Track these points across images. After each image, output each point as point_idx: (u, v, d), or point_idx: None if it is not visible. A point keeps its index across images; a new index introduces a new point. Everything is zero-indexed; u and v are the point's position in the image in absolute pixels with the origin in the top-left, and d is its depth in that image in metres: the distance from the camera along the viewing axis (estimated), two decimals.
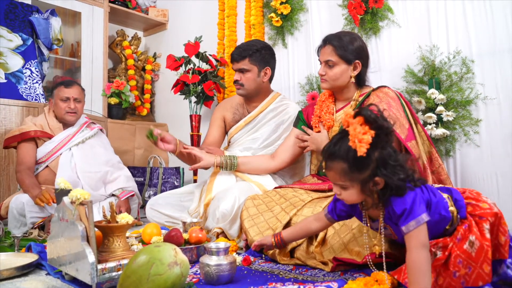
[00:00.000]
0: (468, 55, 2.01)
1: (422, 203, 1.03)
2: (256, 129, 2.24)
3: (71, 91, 2.36)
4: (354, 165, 1.02)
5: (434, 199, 1.09)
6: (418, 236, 0.99)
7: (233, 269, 1.25)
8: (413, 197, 1.02)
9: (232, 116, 2.32)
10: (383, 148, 1.01)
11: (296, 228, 1.36)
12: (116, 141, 3.25)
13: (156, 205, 2.09)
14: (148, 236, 1.56)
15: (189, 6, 3.58)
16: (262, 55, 2.18)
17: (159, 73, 3.88)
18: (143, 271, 1.03)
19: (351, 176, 1.03)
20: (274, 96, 2.31)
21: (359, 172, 1.02)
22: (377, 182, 1.02)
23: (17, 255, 1.54)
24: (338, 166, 1.04)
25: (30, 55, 2.74)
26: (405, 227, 1.01)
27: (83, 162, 2.34)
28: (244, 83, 2.17)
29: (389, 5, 2.29)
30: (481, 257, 1.04)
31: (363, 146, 0.96)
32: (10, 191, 2.48)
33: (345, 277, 1.23)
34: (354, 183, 1.05)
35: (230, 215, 1.74)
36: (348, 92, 1.85)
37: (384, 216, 1.10)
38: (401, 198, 1.03)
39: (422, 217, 1.00)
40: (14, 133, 2.27)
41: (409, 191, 1.03)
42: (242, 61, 2.15)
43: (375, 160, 1.00)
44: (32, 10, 2.78)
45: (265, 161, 2.07)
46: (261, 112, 2.25)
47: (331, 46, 1.78)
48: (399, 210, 1.02)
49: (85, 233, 1.16)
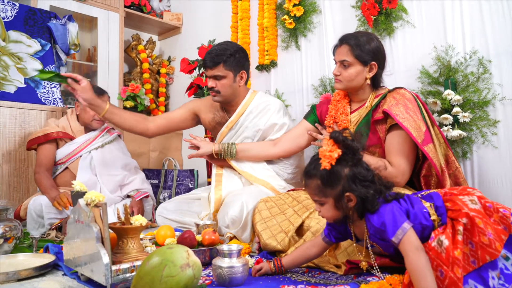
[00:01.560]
0: (485, 55, 1.97)
1: (402, 213, 1.09)
2: (240, 132, 2.16)
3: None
4: (326, 181, 1.12)
5: (412, 210, 1.13)
6: (410, 241, 1.03)
7: (245, 271, 1.25)
8: (390, 209, 1.09)
9: (212, 117, 2.24)
10: (354, 166, 1.11)
11: (295, 256, 1.36)
12: (131, 143, 3.29)
13: (164, 212, 2.11)
14: (162, 238, 1.57)
15: (203, 9, 3.62)
16: (236, 59, 2.07)
17: (174, 77, 3.92)
18: (156, 273, 1.04)
19: (324, 192, 1.14)
20: (251, 96, 2.20)
21: (331, 187, 1.13)
22: (350, 198, 1.11)
23: (35, 255, 1.57)
24: (313, 183, 1.15)
25: (48, 60, 2.80)
26: (395, 238, 1.05)
27: (102, 165, 2.39)
28: (220, 89, 2.07)
29: (403, 6, 2.26)
30: (450, 258, 1.01)
31: (324, 161, 1.10)
32: (29, 193, 2.53)
33: (358, 280, 1.22)
34: (328, 199, 1.14)
35: (240, 221, 1.74)
36: (363, 93, 1.82)
37: (369, 233, 1.16)
38: (377, 213, 1.10)
39: (404, 226, 1.05)
40: (37, 134, 2.33)
41: (383, 205, 1.11)
42: (216, 67, 2.03)
43: (345, 176, 1.11)
44: (50, 16, 2.84)
45: (266, 147, 2.04)
46: (242, 115, 2.16)
47: (347, 45, 1.74)
48: (377, 223, 1.09)
49: (100, 234, 1.18)
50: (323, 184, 1.13)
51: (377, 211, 1.10)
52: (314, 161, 1.16)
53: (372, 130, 1.71)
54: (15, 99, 2.61)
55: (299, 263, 1.36)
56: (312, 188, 1.16)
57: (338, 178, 1.11)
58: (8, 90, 2.61)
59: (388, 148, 1.66)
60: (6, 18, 2.66)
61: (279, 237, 1.54)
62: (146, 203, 2.45)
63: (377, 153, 1.72)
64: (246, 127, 2.15)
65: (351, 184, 1.10)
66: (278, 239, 1.54)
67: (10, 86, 2.63)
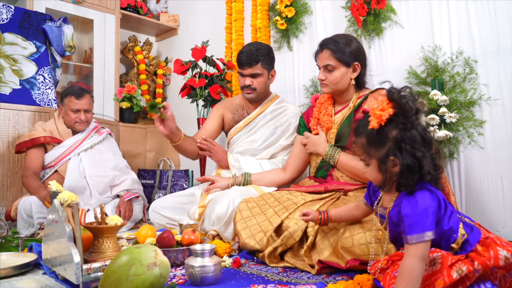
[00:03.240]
0: (471, 55, 1.96)
1: (433, 220, 0.97)
2: (254, 131, 2.26)
3: (81, 103, 2.42)
4: (371, 141, 1.04)
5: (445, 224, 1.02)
6: (420, 248, 0.95)
7: (217, 270, 1.26)
8: (426, 207, 0.97)
9: (232, 116, 2.34)
10: (406, 129, 0.99)
11: (342, 211, 1.34)
12: (127, 144, 3.33)
13: (158, 208, 2.12)
14: (143, 237, 1.59)
15: (199, 11, 3.64)
16: (270, 58, 2.22)
17: (170, 78, 3.95)
18: (122, 272, 1.05)
19: (369, 152, 1.06)
20: (273, 98, 2.33)
21: (375, 148, 1.04)
22: (394, 163, 1.00)
23: (18, 255, 1.60)
24: (359, 141, 1.08)
25: (43, 62, 2.84)
26: (410, 238, 0.96)
27: (91, 167, 2.41)
28: (256, 87, 2.20)
29: (391, 6, 2.26)
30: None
31: (373, 120, 1.00)
32: (22, 194, 2.56)
33: (327, 280, 1.22)
34: (372, 160, 1.06)
35: (224, 217, 1.76)
36: (347, 94, 1.84)
37: (391, 209, 1.07)
38: (411, 200, 0.99)
39: (426, 234, 0.95)
40: (24, 139, 2.36)
41: (422, 194, 0.98)
42: (255, 66, 2.16)
43: (392, 138, 1.00)
44: (45, 19, 2.88)
45: (278, 175, 2.07)
46: (260, 114, 2.27)
47: (328, 50, 1.78)
48: (404, 211, 0.99)
49: (72, 234, 1.19)
50: (368, 144, 1.05)
51: (413, 195, 0.99)
52: (365, 118, 1.07)
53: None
54: (10, 101, 2.65)
55: (344, 219, 1.35)
56: (358, 146, 1.10)
57: (384, 140, 1.01)
58: (3, 92, 2.65)
59: None
60: (2, 21, 2.71)
61: (257, 237, 1.55)
62: (136, 203, 2.46)
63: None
64: (262, 126, 2.24)
65: (397, 148, 0.99)
66: (257, 238, 1.54)
67: (6, 88, 2.67)
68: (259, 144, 2.21)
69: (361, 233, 1.31)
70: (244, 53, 2.17)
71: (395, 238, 1.08)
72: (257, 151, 2.21)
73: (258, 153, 2.21)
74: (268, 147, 2.21)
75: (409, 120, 0.99)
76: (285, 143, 2.20)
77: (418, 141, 0.99)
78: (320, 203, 1.59)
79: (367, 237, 1.30)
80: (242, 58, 2.17)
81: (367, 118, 1.04)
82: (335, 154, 1.76)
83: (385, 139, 1.01)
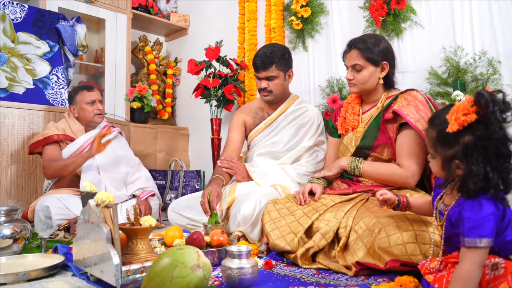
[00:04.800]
0: (494, 55, 1.96)
1: (494, 228, 0.93)
2: (276, 133, 2.23)
3: (95, 94, 2.45)
4: (441, 138, 1.00)
5: (509, 237, 0.98)
6: (479, 253, 0.92)
7: (255, 272, 1.25)
8: (490, 213, 0.92)
9: (252, 120, 2.31)
10: (483, 138, 0.91)
11: (420, 202, 1.29)
12: (138, 144, 3.31)
13: (178, 208, 2.10)
14: (170, 238, 1.57)
15: (210, 11, 3.62)
16: (285, 59, 2.20)
17: (180, 78, 3.93)
18: (166, 274, 1.04)
19: (435, 147, 1.03)
20: (293, 99, 2.31)
21: (443, 147, 1.00)
22: (459, 166, 0.96)
23: (44, 256, 1.58)
24: (430, 133, 1.05)
25: (56, 61, 2.82)
26: (467, 241, 0.93)
27: (105, 164, 2.39)
28: (272, 89, 2.18)
29: (411, 6, 2.25)
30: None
31: (454, 125, 0.92)
32: (37, 194, 2.55)
33: (368, 281, 1.21)
34: (437, 155, 1.03)
35: (251, 218, 1.74)
36: (376, 94, 1.82)
37: (453, 206, 1.03)
38: (475, 203, 0.95)
39: (485, 240, 0.91)
40: (37, 139, 2.34)
41: (488, 201, 0.94)
42: (270, 68, 2.14)
43: (463, 143, 0.94)
44: (58, 18, 2.86)
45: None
46: (281, 115, 2.25)
47: (356, 50, 1.76)
48: (467, 213, 0.95)
49: (110, 235, 1.18)
50: (437, 140, 1.01)
51: (477, 199, 0.95)
52: (443, 112, 1.00)
53: (382, 129, 1.71)
54: (23, 100, 2.62)
55: (421, 209, 1.29)
56: (427, 136, 1.06)
57: (454, 142, 0.96)
58: (17, 91, 2.63)
59: (398, 150, 1.66)
60: (15, 20, 2.68)
61: (288, 238, 1.53)
62: (152, 201, 2.44)
63: (386, 152, 1.72)
64: (284, 127, 2.23)
65: (465, 154, 0.93)
66: (287, 239, 1.53)
67: (19, 87, 2.65)
68: (281, 146, 2.19)
69: (397, 233, 1.30)
70: (259, 56, 2.17)
71: (447, 238, 1.07)
72: (280, 154, 2.18)
73: (281, 156, 2.17)
74: (291, 149, 2.18)
75: (489, 130, 0.90)
76: (308, 144, 2.16)
77: (492, 152, 0.92)
78: (350, 204, 1.58)
79: (403, 237, 1.29)
80: (257, 61, 2.17)
81: (447, 111, 0.97)
82: (358, 164, 1.75)
83: (455, 141, 0.96)
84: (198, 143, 3.68)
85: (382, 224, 1.36)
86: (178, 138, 3.72)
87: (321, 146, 2.22)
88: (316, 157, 2.18)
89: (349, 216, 1.49)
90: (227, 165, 2.12)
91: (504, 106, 0.90)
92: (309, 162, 2.15)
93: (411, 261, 1.25)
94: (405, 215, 1.36)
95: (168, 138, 3.62)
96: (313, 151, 2.18)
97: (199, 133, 3.64)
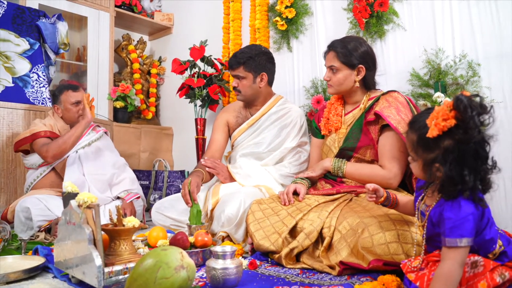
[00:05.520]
0: (474, 58, 2.00)
1: (474, 228, 0.95)
2: (258, 133, 2.22)
3: (80, 95, 2.40)
4: (421, 142, 1.02)
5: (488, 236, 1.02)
6: (459, 252, 0.94)
7: (239, 272, 1.25)
8: (469, 213, 0.95)
9: (235, 120, 2.31)
10: (462, 142, 0.93)
11: (405, 200, 1.31)
12: (121, 144, 3.27)
13: (161, 209, 2.08)
14: (154, 239, 1.56)
15: (194, 10, 3.60)
16: (256, 61, 2.17)
17: (164, 77, 3.90)
18: (149, 275, 1.03)
19: (416, 150, 1.05)
20: (276, 99, 2.30)
21: (423, 150, 1.03)
22: (439, 170, 0.99)
23: (24, 258, 1.55)
24: (411, 136, 1.07)
25: (37, 59, 2.76)
26: (448, 240, 0.95)
27: (90, 165, 2.36)
28: (240, 89, 2.20)
29: (394, 9, 2.29)
30: None
31: (434, 130, 0.94)
32: (17, 194, 2.49)
33: (352, 281, 1.22)
34: (418, 158, 1.06)
35: (235, 219, 1.74)
36: (356, 95, 1.85)
37: (434, 206, 1.06)
38: (454, 204, 0.97)
39: (464, 240, 0.93)
40: (25, 135, 2.29)
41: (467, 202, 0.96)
42: (237, 68, 2.17)
43: (443, 147, 0.96)
44: (39, 15, 2.80)
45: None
46: (264, 115, 2.24)
47: (334, 52, 1.80)
48: (447, 213, 0.97)
49: (92, 236, 1.16)
50: (418, 144, 1.03)
51: (457, 200, 0.97)
52: (423, 116, 1.02)
53: (365, 131, 1.73)
54: (2, 99, 2.57)
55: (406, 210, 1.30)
56: (408, 140, 1.08)
57: (434, 146, 0.98)
58: None
59: (380, 151, 1.68)
60: None
61: (272, 238, 1.54)
62: (136, 203, 2.42)
63: (369, 153, 1.74)
64: (266, 128, 2.22)
65: (445, 158, 0.96)
66: (272, 240, 1.53)
67: None
68: (264, 146, 2.18)
69: (380, 233, 1.32)
70: (233, 55, 2.22)
71: (429, 238, 1.09)
72: (263, 154, 2.18)
73: (264, 157, 2.17)
74: (274, 150, 2.17)
75: (468, 135, 0.92)
76: (291, 145, 2.16)
77: (470, 156, 0.94)
78: (334, 204, 1.59)
79: (386, 237, 1.30)
80: (230, 59, 2.23)
81: (427, 115, 0.98)
82: (342, 165, 1.77)
83: (435, 145, 0.98)
84: (182, 143, 3.66)
85: (365, 224, 1.37)
86: (162, 138, 3.69)
87: (304, 147, 2.23)
88: (299, 158, 2.18)
89: (332, 216, 1.51)
90: (210, 165, 2.11)
91: (482, 110, 0.92)
92: (291, 163, 2.15)
93: (393, 260, 1.26)
94: (388, 215, 1.38)
95: (152, 138, 3.59)
96: (296, 152, 2.19)
97: (184, 133, 3.62)
